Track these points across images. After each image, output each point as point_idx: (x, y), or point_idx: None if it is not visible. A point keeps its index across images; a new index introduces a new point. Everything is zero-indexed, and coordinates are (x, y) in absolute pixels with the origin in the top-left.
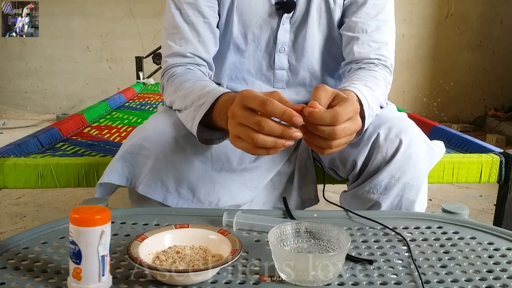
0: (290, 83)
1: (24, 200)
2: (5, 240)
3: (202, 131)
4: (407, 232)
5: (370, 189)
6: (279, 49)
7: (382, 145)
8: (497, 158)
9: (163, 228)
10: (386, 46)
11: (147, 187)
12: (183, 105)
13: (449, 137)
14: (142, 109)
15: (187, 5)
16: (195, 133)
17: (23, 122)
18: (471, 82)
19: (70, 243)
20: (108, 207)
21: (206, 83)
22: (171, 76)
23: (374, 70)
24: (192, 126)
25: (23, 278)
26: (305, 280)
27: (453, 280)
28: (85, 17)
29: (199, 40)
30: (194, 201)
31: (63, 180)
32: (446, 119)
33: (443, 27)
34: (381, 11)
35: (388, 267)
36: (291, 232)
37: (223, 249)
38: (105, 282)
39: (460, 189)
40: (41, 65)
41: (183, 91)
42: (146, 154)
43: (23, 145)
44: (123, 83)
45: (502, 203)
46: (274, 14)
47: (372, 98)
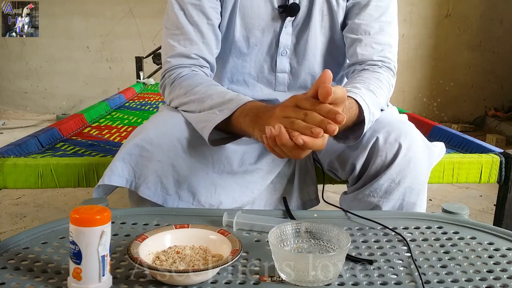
0: (291, 86)
1: (24, 200)
2: (5, 240)
3: (212, 133)
4: (407, 232)
5: (370, 192)
6: (281, 52)
7: (382, 149)
8: (497, 158)
9: (163, 228)
10: (389, 48)
11: (147, 189)
12: (198, 109)
13: (449, 137)
14: (142, 109)
15: (192, 6)
16: (208, 133)
17: (23, 122)
18: (471, 82)
19: (70, 243)
20: (108, 207)
21: (222, 89)
22: (177, 78)
23: (378, 72)
24: (206, 128)
25: (23, 278)
26: (305, 280)
27: (453, 280)
28: (85, 17)
29: (203, 41)
30: (194, 203)
31: (63, 180)
32: (446, 119)
33: (443, 27)
34: (384, 12)
35: (388, 267)
36: (291, 232)
37: (223, 249)
38: (105, 282)
39: (460, 189)
40: (41, 65)
41: (198, 95)
42: (147, 156)
43: (23, 145)
44: (123, 83)
45: (502, 203)
46: (277, 18)
47: (374, 103)
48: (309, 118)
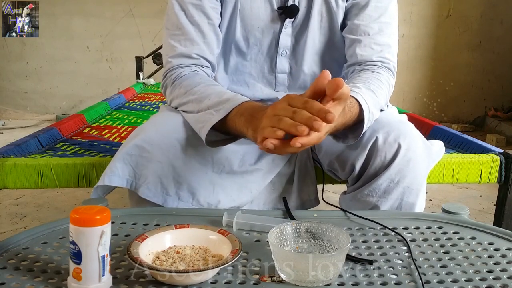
0: (291, 86)
1: (24, 200)
2: (5, 240)
3: (209, 133)
4: (407, 232)
5: (369, 192)
6: (280, 52)
7: (381, 149)
8: (497, 158)
9: (163, 228)
10: (389, 49)
11: (147, 190)
12: (196, 109)
13: (449, 137)
14: (142, 109)
15: (192, 6)
16: (205, 134)
17: (23, 122)
18: (471, 82)
19: (70, 243)
20: (108, 207)
21: (221, 89)
22: (177, 78)
23: (378, 73)
24: (203, 128)
25: (23, 278)
26: (305, 280)
27: (453, 280)
28: (85, 17)
29: (204, 41)
30: (193, 203)
31: (63, 180)
32: (446, 119)
33: (443, 27)
34: (383, 13)
35: (388, 267)
36: (291, 232)
37: (223, 249)
38: (105, 282)
39: (460, 189)
40: (41, 65)
41: (196, 95)
42: (147, 157)
43: (23, 145)
44: (123, 83)
45: (502, 203)
46: (276, 19)
47: (374, 103)
48: (297, 116)
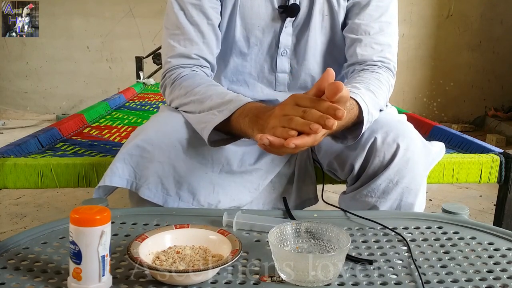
0: (291, 86)
1: (24, 200)
2: (5, 240)
3: (211, 133)
4: (407, 232)
5: (368, 192)
6: (281, 52)
7: (380, 149)
8: (497, 158)
9: (163, 228)
10: (389, 49)
11: (148, 191)
12: (197, 109)
13: (449, 137)
14: (142, 109)
15: (192, 6)
16: (207, 134)
17: (23, 122)
18: (471, 82)
19: (70, 243)
20: (108, 207)
21: (222, 89)
22: (177, 78)
23: (378, 73)
24: (206, 128)
25: (23, 278)
26: (305, 280)
27: (453, 280)
28: (85, 17)
29: (204, 41)
30: (194, 203)
31: (63, 180)
32: (446, 119)
33: (443, 27)
34: (384, 13)
35: (388, 267)
36: (291, 232)
37: (223, 249)
38: (105, 282)
39: (460, 189)
40: (41, 65)
41: (198, 95)
42: (147, 157)
43: (23, 145)
44: (123, 83)
45: (502, 203)
46: (277, 18)
47: (373, 104)
48: (308, 115)
